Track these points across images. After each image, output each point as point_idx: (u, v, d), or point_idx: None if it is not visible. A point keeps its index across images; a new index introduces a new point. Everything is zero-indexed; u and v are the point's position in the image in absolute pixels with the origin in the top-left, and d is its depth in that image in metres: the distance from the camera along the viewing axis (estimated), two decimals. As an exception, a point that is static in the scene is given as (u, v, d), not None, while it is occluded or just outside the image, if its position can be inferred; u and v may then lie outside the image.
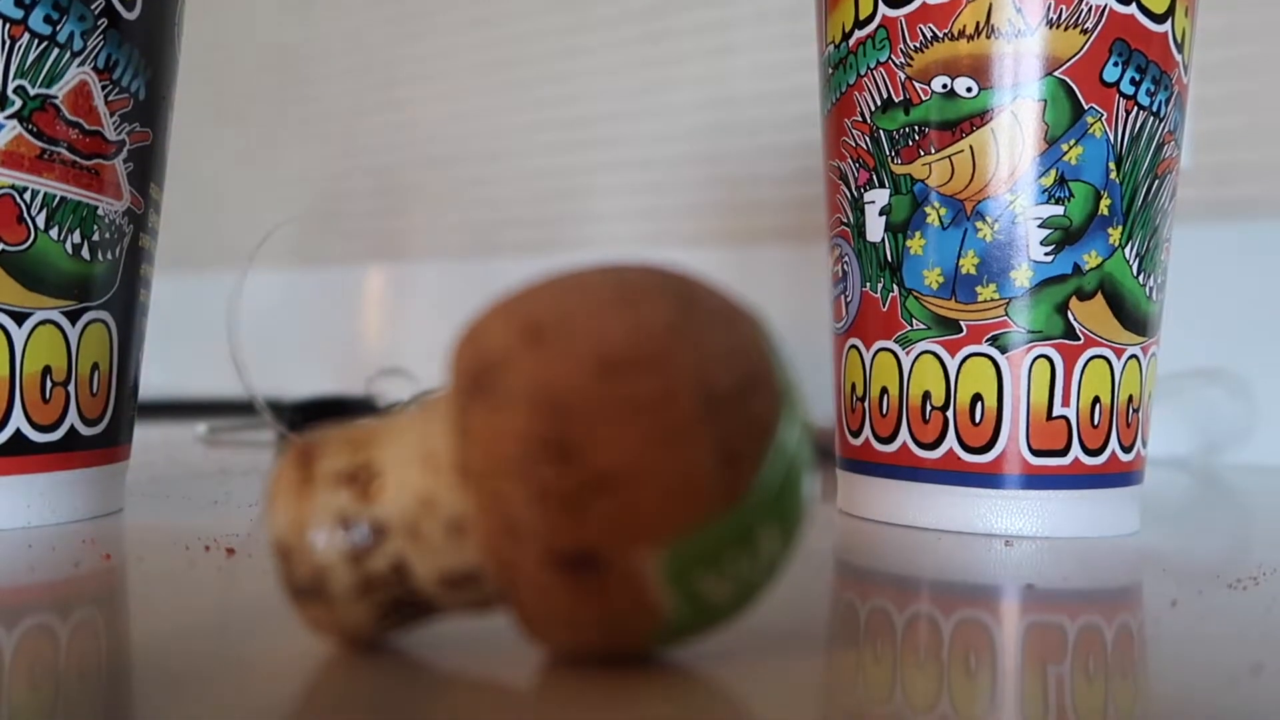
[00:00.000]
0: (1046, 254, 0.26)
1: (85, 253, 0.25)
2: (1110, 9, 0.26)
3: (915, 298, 0.27)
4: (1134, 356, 0.27)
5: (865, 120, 0.28)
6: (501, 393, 0.13)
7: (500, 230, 0.75)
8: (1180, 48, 0.27)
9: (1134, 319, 0.27)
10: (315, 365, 0.82)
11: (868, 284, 0.28)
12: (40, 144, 0.24)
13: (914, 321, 0.27)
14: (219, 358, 0.88)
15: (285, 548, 0.15)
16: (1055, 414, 0.26)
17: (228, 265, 0.90)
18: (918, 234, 0.27)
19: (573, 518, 0.13)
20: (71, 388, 0.25)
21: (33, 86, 0.24)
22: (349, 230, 0.83)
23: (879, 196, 0.28)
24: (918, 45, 0.27)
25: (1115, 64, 0.26)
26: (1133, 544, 0.26)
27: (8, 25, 0.23)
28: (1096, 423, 0.27)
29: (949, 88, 0.26)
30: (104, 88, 0.25)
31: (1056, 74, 0.26)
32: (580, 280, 0.14)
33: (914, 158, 0.27)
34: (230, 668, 0.15)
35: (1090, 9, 0.26)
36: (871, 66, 0.28)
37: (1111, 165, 0.26)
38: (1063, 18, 0.26)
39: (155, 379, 0.92)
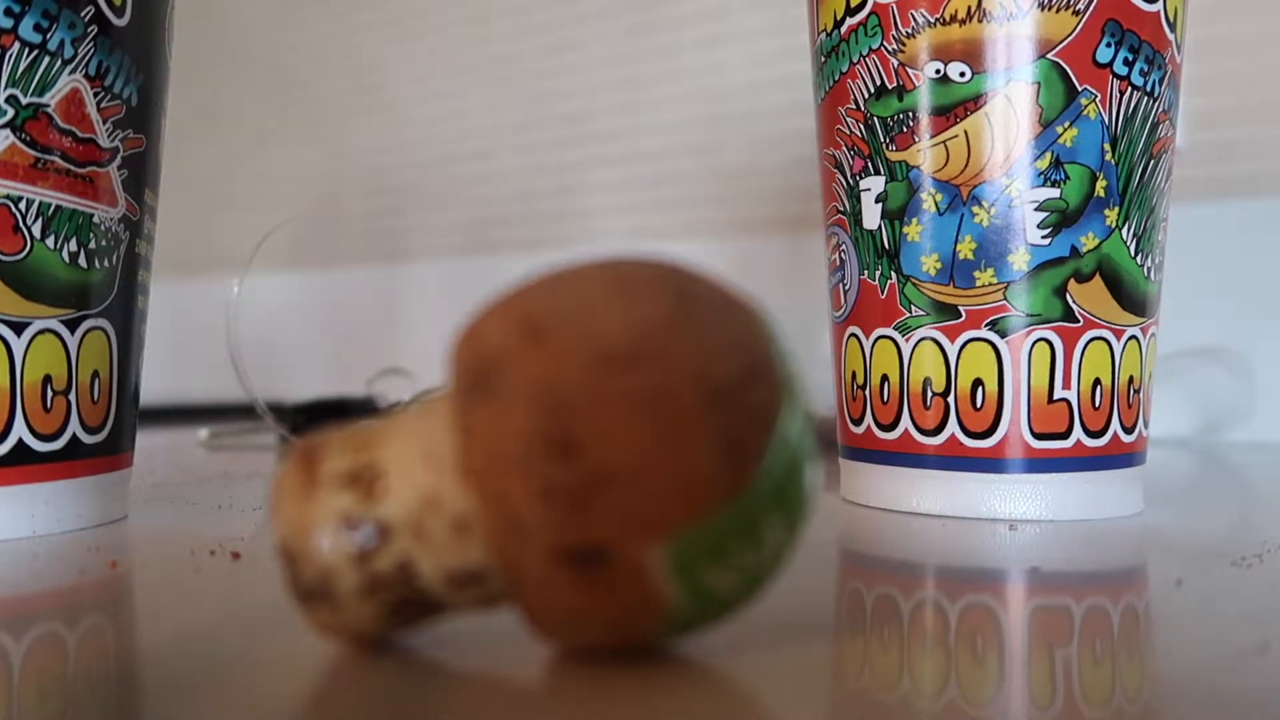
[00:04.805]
0: (1044, 237, 0.26)
1: (82, 261, 0.25)
2: (1101, -10, 0.26)
3: (913, 284, 0.27)
4: (1134, 337, 0.27)
5: (859, 108, 0.28)
6: (502, 390, 0.13)
7: (497, 228, 0.75)
8: (1173, 27, 0.27)
9: (1133, 300, 0.27)
10: (315, 367, 0.82)
11: (866, 272, 0.28)
12: (34, 153, 0.24)
13: (913, 308, 0.27)
14: (219, 362, 0.88)
15: (290, 550, 0.15)
16: (1056, 397, 0.26)
17: (225, 269, 0.90)
18: (914, 220, 0.27)
19: (576, 513, 0.13)
20: (72, 396, 0.25)
21: (25, 95, 0.24)
22: (346, 232, 0.83)
23: (874, 184, 0.28)
24: (909, 31, 0.27)
25: (1108, 45, 0.26)
26: (1136, 524, 0.26)
27: (-2, 35, 0.23)
28: (1098, 404, 0.27)
29: (942, 73, 0.26)
30: (96, 95, 0.25)
31: (1049, 56, 0.26)
32: (578, 276, 0.14)
33: (909, 144, 0.27)
34: (238, 672, 0.15)
35: (1081, -10, 0.26)
36: (864, 54, 0.28)
37: (1106, 146, 0.26)
38: (1054, 0, 0.26)
39: (155, 385, 0.92)
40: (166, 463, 0.41)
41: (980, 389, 0.26)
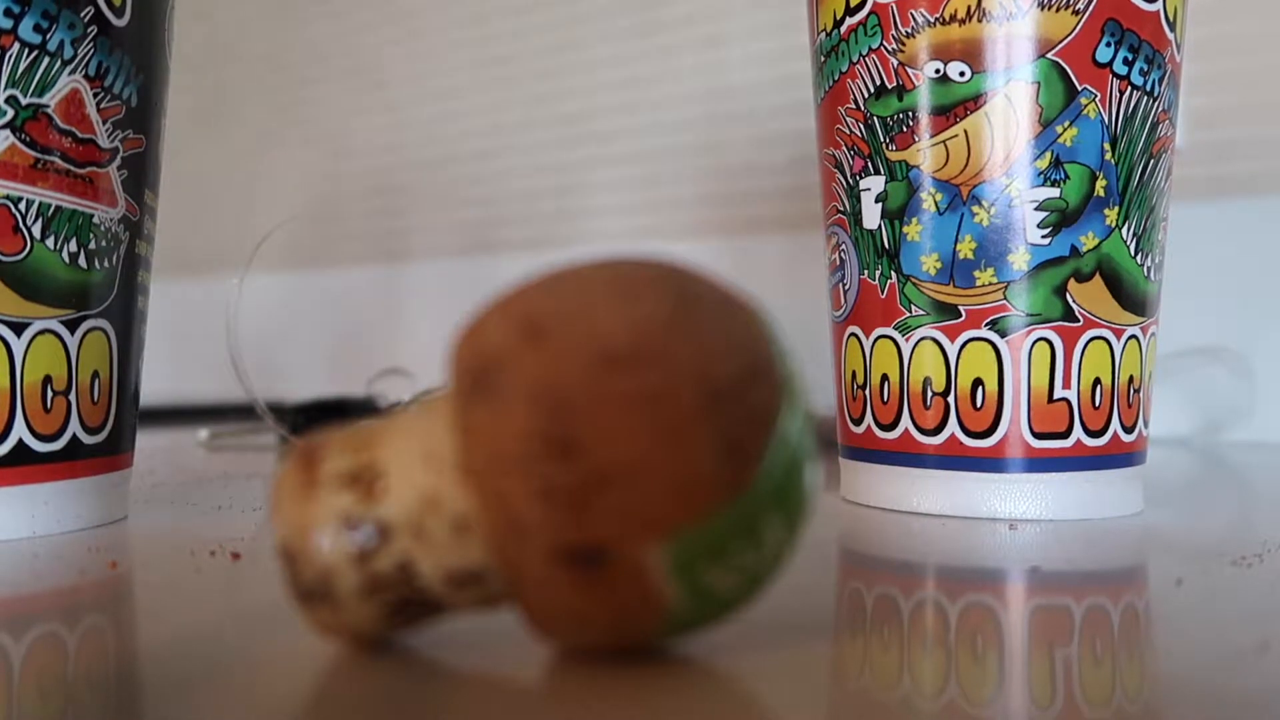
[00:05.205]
0: (1043, 236, 0.26)
1: (82, 261, 0.25)
2: (1101, -11, 0.26)
3: (913, 284, 0.27)
4: (1134, 337, 0.27)
5: (859, 107, 0.28)
6: (502, 390, 0.13)
7: (497, 228, 0.75)
8: (1172, 26, 0.27)
9: (1133, 299, 0.27)
10: (315, 367, 0.82)
11: (866, 271, 0.28)
12: (34, 153, 0.24)
13: (913, 308, 0.27)
14: (219, 362, 0.88)
15: (290, 551, 0.15)
16: (1056, 396, 0.26)
17: (225, 269, 0.90)
18: (914, 220, 0.27)
19: (576, 513, 0.13)
20: (72, 397, 0.25)
21: (24, 96, 0.24)
22: (346, 232, 0.83)
23: (874, 183, 0.28)
24: (909, 30, 0.27)
25: (1108, 44, 0.26)
26: (1136, 524, 0.26)
27: (-2, 35, 0.23)
28: (1098, 404, 0.27)
29: (942, 72, 0.26)
30: (96, 95, 0.25)
31: (1049, 56, 0.26)
32: (578, 276, 0.14)
33: (908, 144, 0.27)
34: (238, 672, 0.15)
35: (1081, -10, 0.26)
36: (864, 53, 0.28)
37: (1106, 146, 0.26)
38: (1053, 0, 0.26)
39: (155, 385, 0.92)
40: (166, 463, 0.41)
41: (980, 388, 0.26)
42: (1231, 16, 0.50)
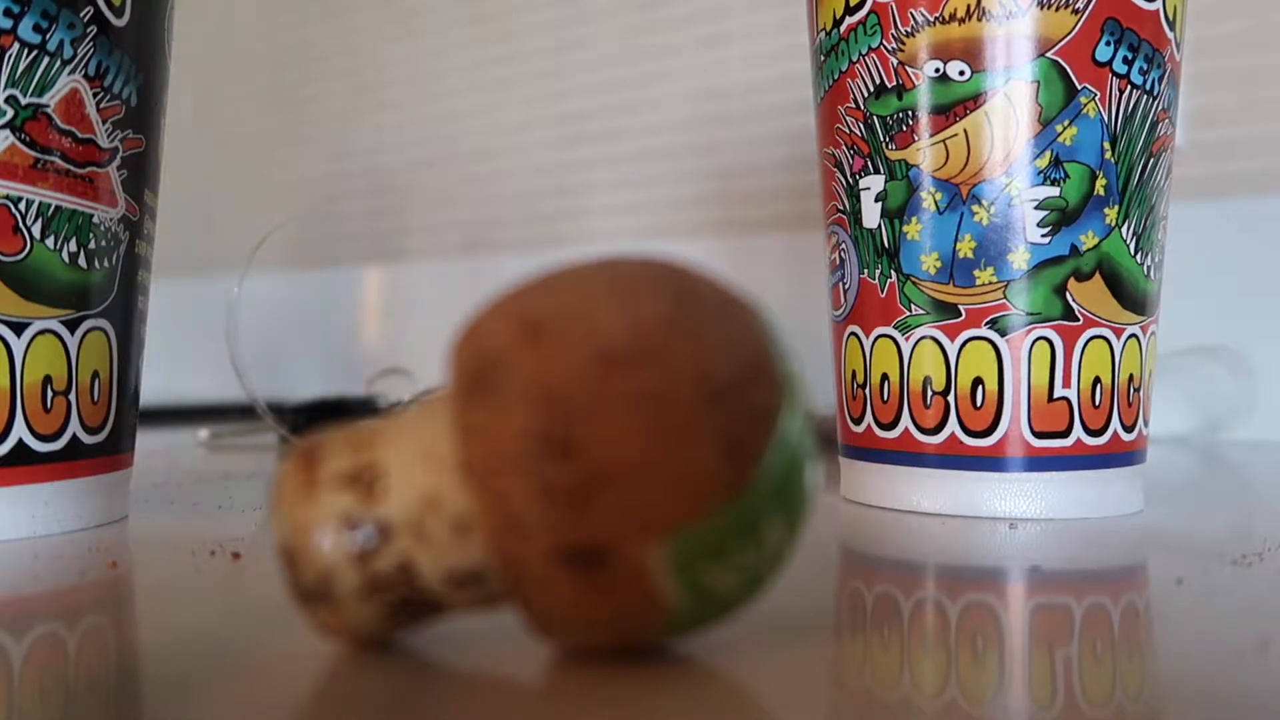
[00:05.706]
0: (1043, 236, 0.26)
1: (82, 261, 0.25)
2: (1101, -12, 0.26)
3: (913, 283, 0.27)
4: (1134, 336, 0.27)
5: (859, 106, 0.28)
6: (502, 390, 0.13)
7: (497, 228, 0.75)
8: (1172, 25, 0.27)
9: (1132, 298, 0.27)
10: (315, 367, 0.82)
11: (865, 271, 0.28)
12: (34, 153, 0.24)
13: (913, 307, 0.27)
14: (219, 362, 0.88)
15: (291, 551, 0.15)
16: (1056, 395, 0.26)
17: (225, 269, 0.90)
18: (914, 219, 0.27)
19: (577, 513, 0.13)
20: (72, 397, 0.25)
21: (24, 96, 0.24)
22: (346, 232, 0.83)
23: (874, 183, 0.28)
24: (909, 30, 0.27)
25: (1107, 43, 0.26)
26: (1136, 523, 0.26)
27: (-3, 35, 0.23)
28: (1098, 403, 0.27)
29: (941, 72, 0.26)
30: (96, 95, 0.25)
31: (1049, 55, 0.26)
32: (578, 275, 0.14)
33: (908, 143, 0.27)
34: (239, 672, 0.15)
35: (1081, -11, 0.26)
36: (863, 53, 0.28)
37: (1106, 145, 0.26)
38: (1054, -1, 0.26)
39: (155, 385, 0.92)
40: (166, 463, 0.41)
41: (980, 388, 0.26)
42: (1231, 16, 0.50)
